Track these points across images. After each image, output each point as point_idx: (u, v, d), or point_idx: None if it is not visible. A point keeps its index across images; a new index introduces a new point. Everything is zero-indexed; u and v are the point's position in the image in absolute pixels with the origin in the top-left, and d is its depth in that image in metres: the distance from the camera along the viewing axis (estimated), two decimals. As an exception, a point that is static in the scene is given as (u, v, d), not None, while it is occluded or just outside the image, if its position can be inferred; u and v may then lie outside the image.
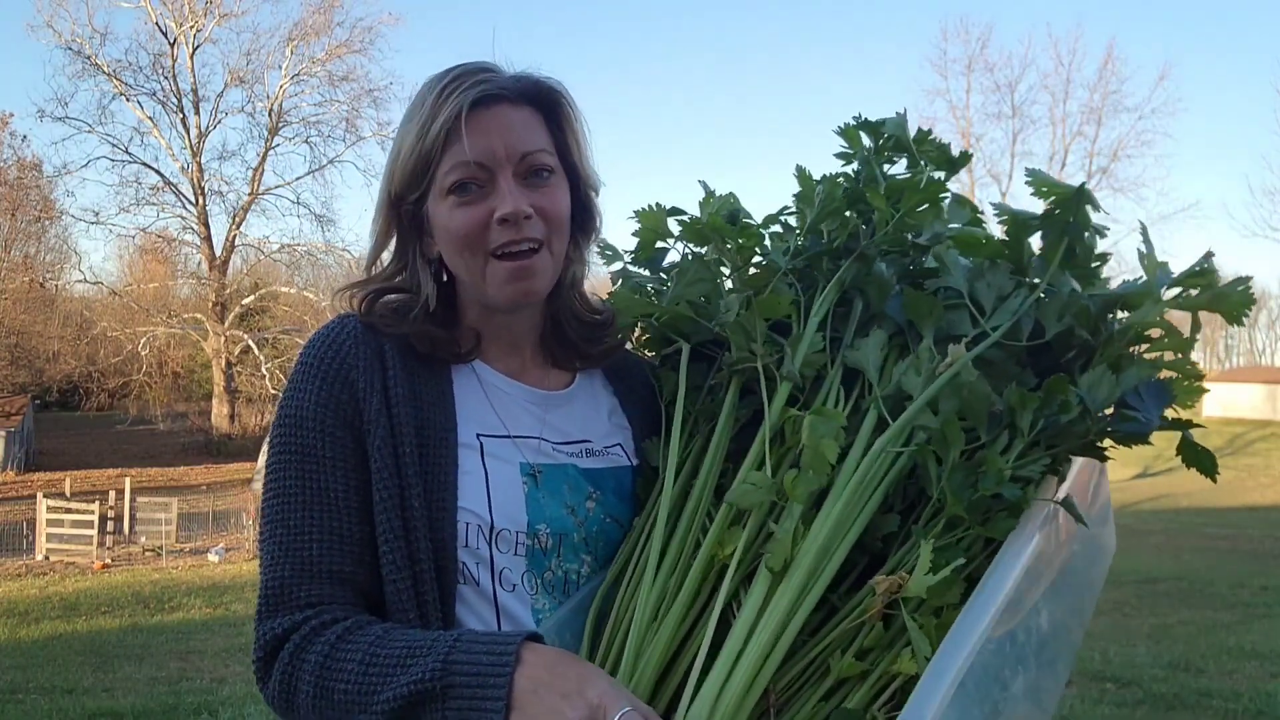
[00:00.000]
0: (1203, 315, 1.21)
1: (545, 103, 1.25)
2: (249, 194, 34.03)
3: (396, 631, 1.10)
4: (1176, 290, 1.18)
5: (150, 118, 32.82)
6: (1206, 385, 1.23)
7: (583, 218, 1.31)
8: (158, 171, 33.24)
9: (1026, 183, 1.16)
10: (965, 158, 1.24)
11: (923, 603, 1.03)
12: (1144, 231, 1.19)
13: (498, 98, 1.20)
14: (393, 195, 1.24)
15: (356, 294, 1.27)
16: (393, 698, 1.03)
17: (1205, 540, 15.93)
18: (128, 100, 32.51)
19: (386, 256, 1.31)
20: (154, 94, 32.85)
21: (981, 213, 1.30)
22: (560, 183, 1.25)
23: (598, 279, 1.42)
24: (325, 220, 38.07)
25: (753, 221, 1.28)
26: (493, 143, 1.19)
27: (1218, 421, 39.51)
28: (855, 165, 1.27)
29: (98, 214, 33.49)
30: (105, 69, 31.94)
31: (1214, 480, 1.22)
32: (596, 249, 1.36)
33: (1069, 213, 1.14)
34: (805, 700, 1.04)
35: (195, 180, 33.26)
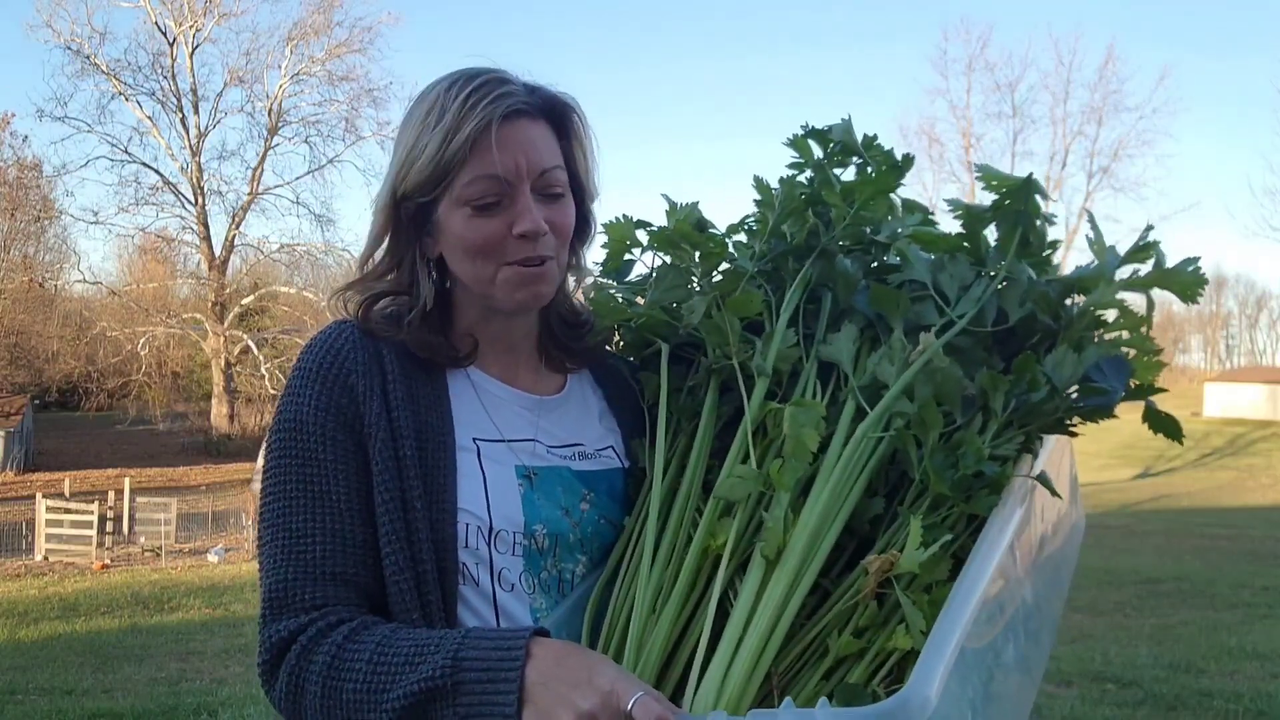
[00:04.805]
0: (1202, 317, 1.23)
1: (557, 117, 1.26)
2: (248, 194, 34.07)
3: (404, 631, 1.11)
4: (1130, 271, 1.23)
5: (150, 117, 32.88)
6: (1205, 388, 1.27)
7: (582, 228, 1.32)
8: (157, 171, 33.31)
9: (976, 178, 1.22)
10: (908, 161, 1.28)
11: (914, 579, 1.06)
12: (1091, 219, 1.25)
13: (521, 112, 1.21)
14: (398, 194, 1.23)
15: (352, 299, 1.28)
16: (403, 695, 1.04)
17: (1206, 540, 15.93)
18: (127, 100, 32.56)
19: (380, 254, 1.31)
20: (153, 94, 32.92)
21: (933, 213, 1.35)
22: (568, 198, 1.26)
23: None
24: (325, 220, 38.13)
25: (717, 231, 1.31)
26: (517, 158, 1.19)
27: (1218, 422, 39.55)
28: (808, 174, 1.30)
29: (97, 214, 33.58)
30: (104, 69, 31.98)
31: (1180, 444, 1.27)
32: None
33: (1019, 203, 1.20)
34: (806, 680, 1.07)
35: (195, 180, 33.29)
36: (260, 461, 1.30)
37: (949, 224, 1.30)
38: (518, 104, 1.20)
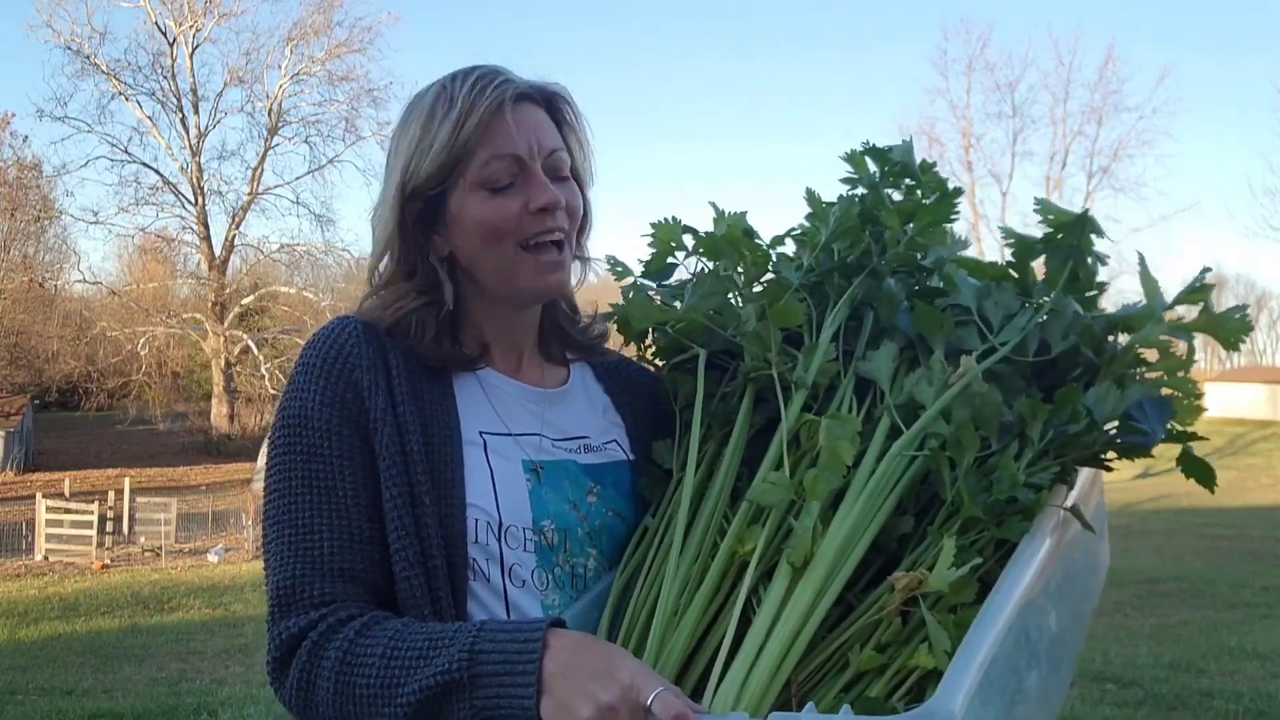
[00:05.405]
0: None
1: (553, 106, 1.29)
2: (248, 194, 34.04)
3: (416, 625, 1.10)
4: (1176, 313, 1.23)
5: (150, 117, 32.85)
6: (1204, 388, 1.29)
7: (583, 217, 1.34)
8: (157, 171, 33.27)
9: (1035, 210, 1.22)
10: (958, 192, 1.29)
11: (941, 598, 1.06)
12: (1141, 259, 1.25)
13: (527, 96, 1.25)
14: (407, 190, 1.23)
15: (375, 312, 1.25)
16: (418, 690, 1.03)
17: (1206, 540, 15.92)
18: (127, 100, 32.52)
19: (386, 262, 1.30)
20: (153, 94, 32.89)
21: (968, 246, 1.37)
22: (573, 181, 1.29)
23: (597, 285, 1.44)
24: (325, 220, 38.06)
25: (761, 242, 1.33)
26: (529, 137, 1.23)
27: (1218, 422, 39.47)
28: (860, 190, 1.31)
29: (97, 214, 33.51)
30: (104, 69, 31.94)
31: (1211, 491, 1.28)
32: (606, 264, 1.39)
33: (1072, 237, 1.20)
34: (826, 691, 1.06)
35: (195, 180, 33.25)
36: (261, 460, 1.31)
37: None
38: (524, 88, 1.25)
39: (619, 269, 1.39)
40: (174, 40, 32.68)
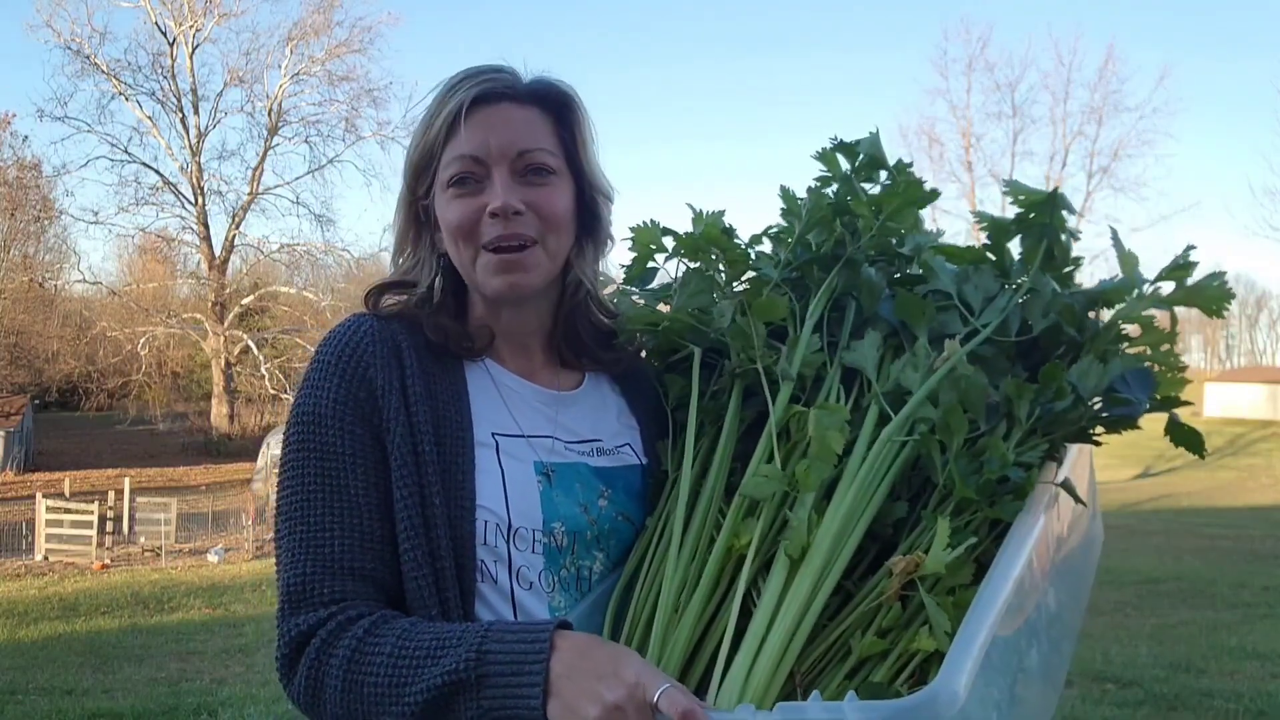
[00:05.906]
0: (1202, 317, 1.25)
1: (554, 104, 1.27)
2: (248, 194, 34.00)
3: (424, 624, 1.11)
4: (1156, 285, 1.24)
5: (150, 117, 32.81)
6: (1205, 388, 1.29)
7: (589, 222, 1.32)
8: (157, 171, 33.23)
9: (1004, 193, 1.23)
10: (934, 194, 1.26)
11: (939, 581, 1.07)
12: (1114, 234, 1.26)
13: (502, 95, 1.24)
14: (407, 189, 1.29)
15: (371, 295, 1.31)
16: (426, 689, 1.04)
17: (1206, 540, 15.90)
18: (127, 100, 32.49)
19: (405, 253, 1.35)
20: (153, 94, 32.83)
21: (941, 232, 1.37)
22: (561, 183, 1.26)
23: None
24: (325, 220, 37.86)
25: (740, 241, 1.32)
26: (489, 137, 1.22)
27: (1219, 421, 39.48)
28: (834, 187, 1.31)
29: (97, 214, 33.46)
30: (104, 69, 31.91)
31: (1201, 457, 1.28)
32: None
33: (1044, 216, 1.21)
34: (829, 680, 1.07)
35: (195, 180, 33.23)
36: (261, 460, 1.31)
37: (952, 226, 1.31)
38: (499, 87, 1.23)
39: (601, 278, 1.38)
40: (174, 40, 32.67)
